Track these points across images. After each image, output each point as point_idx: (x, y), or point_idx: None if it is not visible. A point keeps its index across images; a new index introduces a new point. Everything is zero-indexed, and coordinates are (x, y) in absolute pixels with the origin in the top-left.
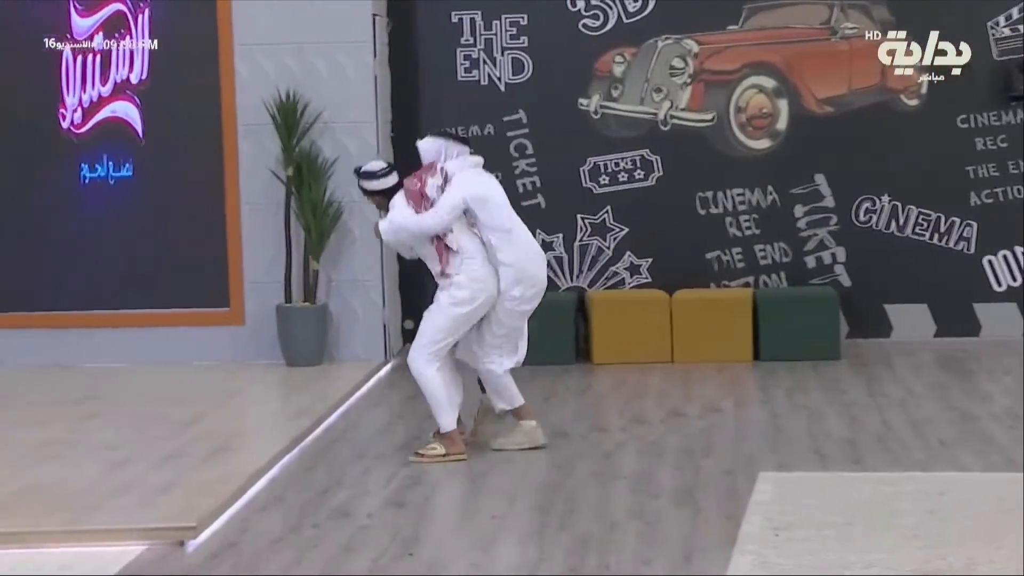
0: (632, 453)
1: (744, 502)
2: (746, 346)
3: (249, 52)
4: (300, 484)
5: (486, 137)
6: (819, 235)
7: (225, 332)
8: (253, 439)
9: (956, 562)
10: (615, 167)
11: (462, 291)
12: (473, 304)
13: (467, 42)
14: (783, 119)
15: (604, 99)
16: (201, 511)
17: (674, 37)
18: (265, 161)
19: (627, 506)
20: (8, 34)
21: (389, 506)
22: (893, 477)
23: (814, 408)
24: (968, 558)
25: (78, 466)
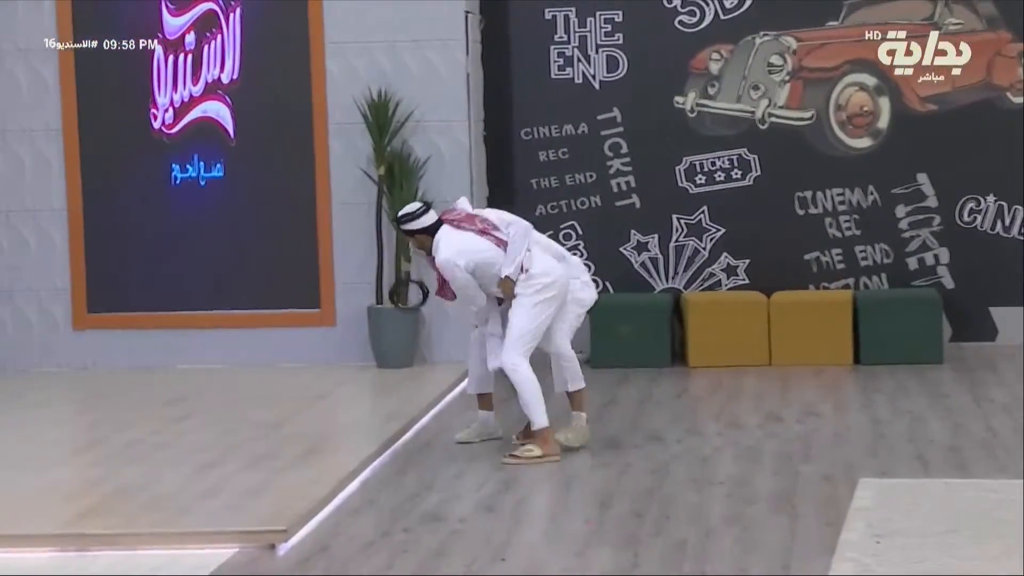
0: (729, 458)
1: (844, 509)
2: (846, 349)
3: (340, 50)
4: (392, 488)
5: (579, 136)
6: (921, 236)
7: (316, 333)
8: (344, 442)
9: None
10: (711, 166)
11: (539, 280)
12: (552, 292)
13: (561, 39)
14: (884, 117)
15: (700, 97)
16: (292, 514)
17: (772, 34)
18: (356, 160)
19: (723, 512)
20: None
21: (481, 510)
22: (999, 484)
23: (916, 413)
24: None
25: (169, 468)
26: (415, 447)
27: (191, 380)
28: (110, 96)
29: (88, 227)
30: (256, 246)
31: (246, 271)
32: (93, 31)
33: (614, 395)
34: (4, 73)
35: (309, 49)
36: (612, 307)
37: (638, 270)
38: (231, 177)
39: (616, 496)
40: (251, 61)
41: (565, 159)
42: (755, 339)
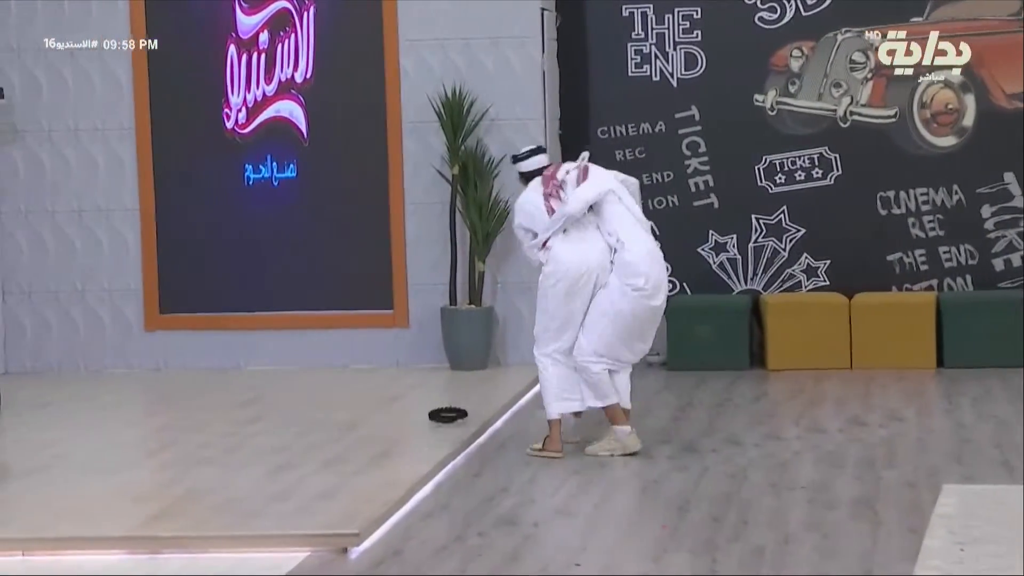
0: (809, 462)
1: (927, 515)
2: (929, 352)
3: (414, 48)
4: (465, 491)
5: (657, 135)
6: (1008, 236)
7: (389, 335)
8: (417, 444)
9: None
10: (791, 165)
11: (546, 269)
12: (558, 284)
13: (638, 36)
14: (970, 115)
15: (781, 95)
16: (364, 518)
17: (854, 30)
18: (430, 160)
19: (803, 517)
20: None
21: (556, 514)
22: None
23: (1002, 418)
24: None
25: (240, 471)
26: (490, 450)
27: (263, 382)
28: (183, 96)
29: (160, 227)
30: (328, 246)
31: (318, 272)
32: (166, 30)
33: (691, 398)
34: (78, 72)
35: (383, 47)
36: (689, 309)
37: (716, 271)
38: (304, 177)
39: (693, 500)
40: (324, 60)
41: (642, 158)
42: (836, 342)
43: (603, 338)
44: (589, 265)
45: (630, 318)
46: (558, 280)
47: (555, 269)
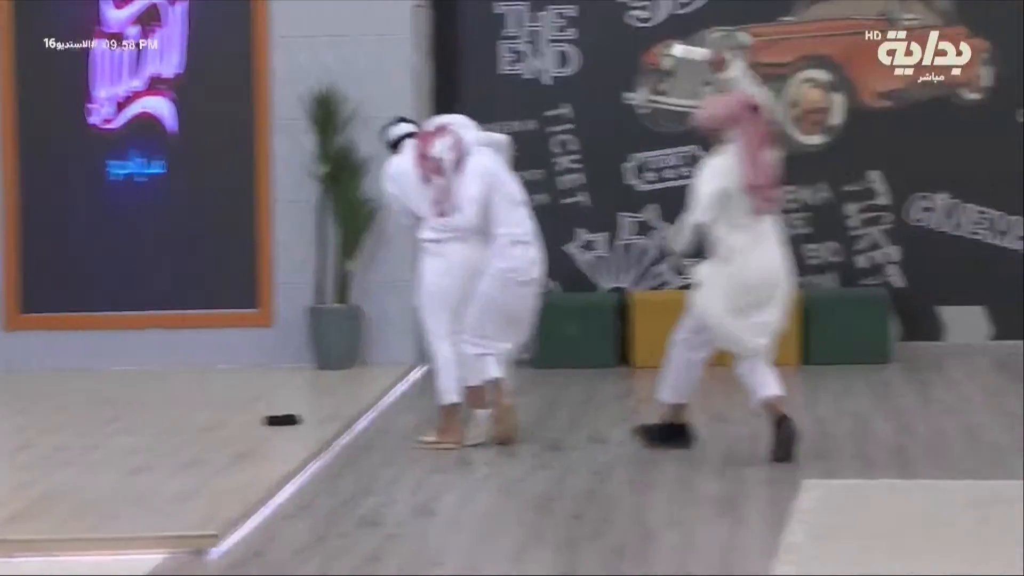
0: (672, 460)
1: (787, 511)
2: (793, 349)
3: (285, 45)
4: (328, 491)
5: (528, 132)
6: (872, 234)
7: (253, 334)
8: (279, 445)
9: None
10: (662, 164)
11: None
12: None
13: (511, 34)
14: (838, 114)
15: (652, 93)
16: (223, 519)
17: (726, 29)
18: (300, 158)
19: (665, 515)
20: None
21: (419, 514)
22: (944, 485)
23: (862, 413)
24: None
25: (97, 472)
26: (353, 450)
27: (124, 382)
28: (49, 90)
29: (23, 224)
30: (195, 244)
31: (184, 270)
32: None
33: (557, 396)
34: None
35: (253, 43)
36: (557, 307)
37: (585, 269)
38: (172, 174)
39: (556, 499)
40: (194, 55)
41: (516, 156)
42: None
43: (478, 320)
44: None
45: (500, 301)
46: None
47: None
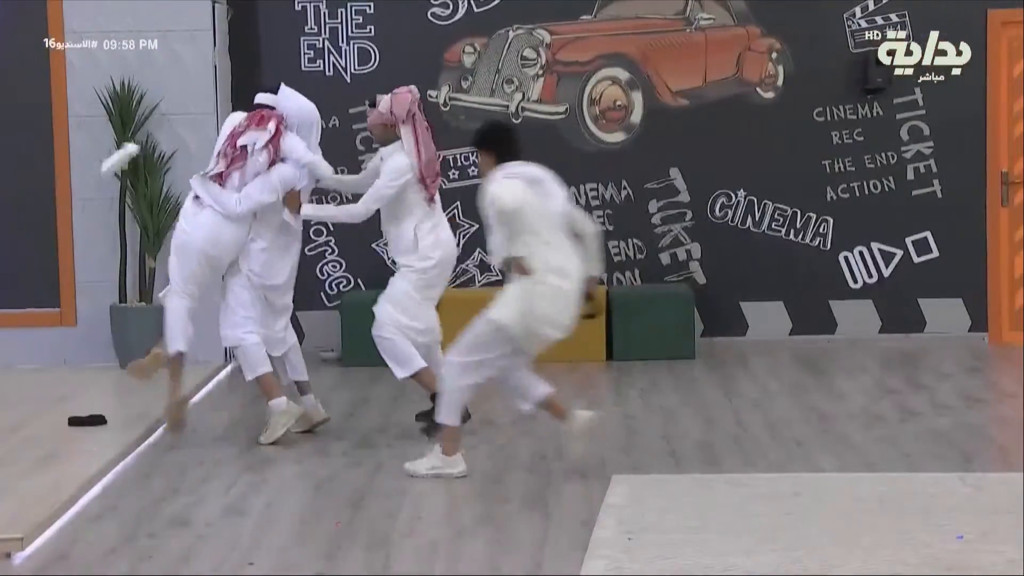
0: (482, 456)
1: (597, 506)
2: (599, 345)
3: (81, 39)
4: (135, 492)
5: (332, 130)
6: (674, 231)
7: (55, 333)
8: (85, 445)
9: (812, 564)
10: (465, 161)
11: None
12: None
13: (311, 31)
14: (637, 112)
15: (454, 91)
16: (29, 522)
17: (526, 27)
18: (99, 154)
19: (476, 511)
20: None
21: (229, 513)
22: (748, 478)
23: (668, 409)
24: (823, 560)
25: None
26: (160, 450)
27: None
28: None
29: None
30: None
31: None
32: None
33: (367, 393)
34: None
35: (48, 37)
36: (362, 304)
37: (390, 267)
38: None
39: (368, 496)
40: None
41: None
42: None
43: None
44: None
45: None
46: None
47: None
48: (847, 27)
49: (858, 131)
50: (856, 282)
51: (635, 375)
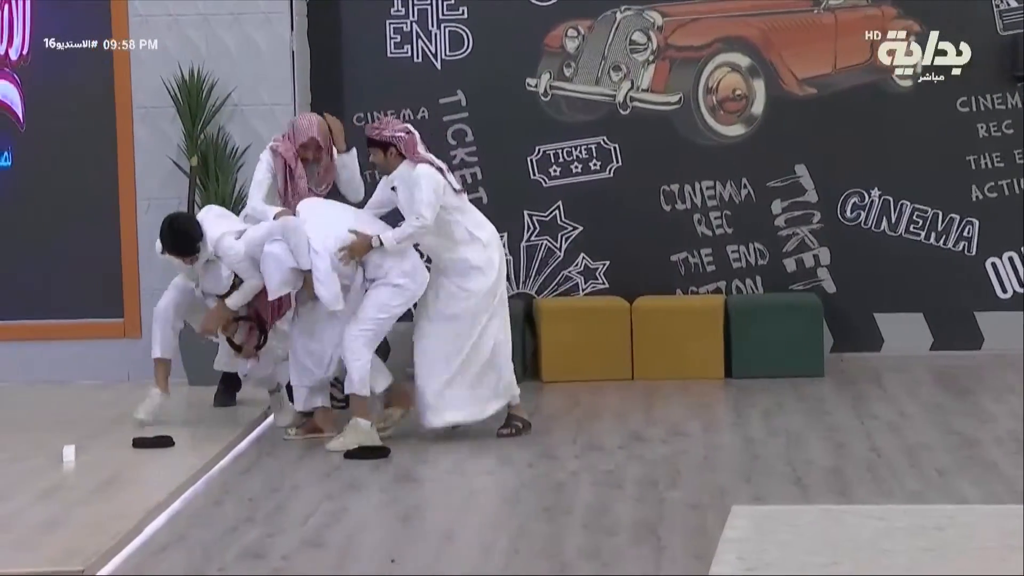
0: (586, 484)
1: (714, 539)
2: (717, 361)
3: (146, 24)
4: (205, 521)
5: (419, 122)
6: (800, 234)
7: (118, 346)
8: (151, 470)
9: None
10: (567, 156)
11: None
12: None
13: (398, 13)
14: (759, 102)
15: (555, 79)
16: (91, 552)
17: (635, 8)
18: (165, 150)
19: (580, 544)
20: None
21: (306, 546)
22: (884, 510)
23: (794, 432)
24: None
25: None
26: (232, 475)
27: None
28: None
29: None
30: (50, 247)
31: (38, 276)
32: None
33: None
34: None
35: (111, 23)
36: None
37: None
38: (20, 168)
39: (459, 528)
40: (44, 35)
41: None
42: (616, 350)
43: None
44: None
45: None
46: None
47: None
48: (994, 7)
49: (1007, 123)
50: (1005, 291)
51: (757, 394)
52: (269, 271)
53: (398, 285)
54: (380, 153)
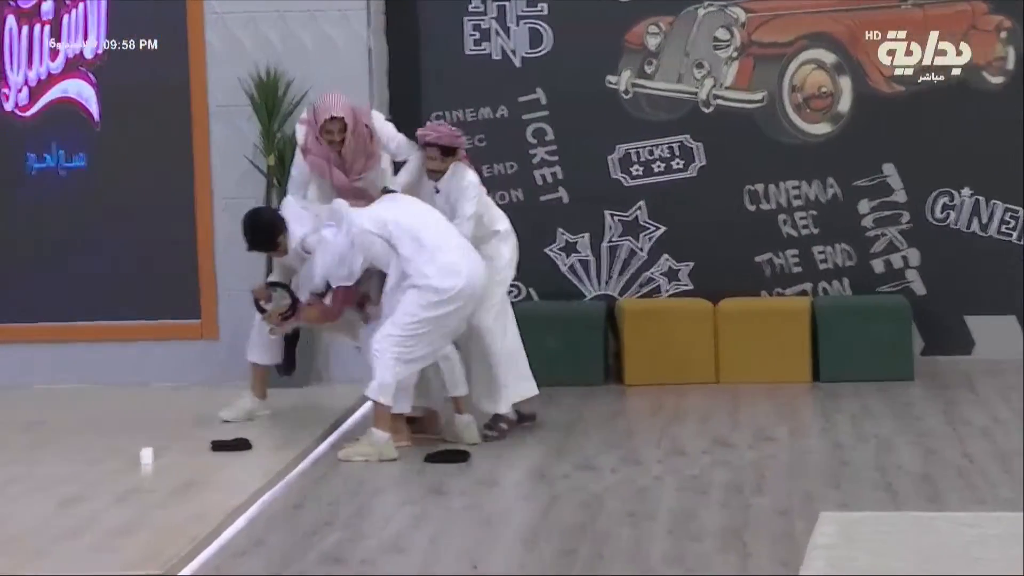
0: (671, 489)
1: (802, 546)
2: (803, 364)
3: (222, 21)
4: (284, 525)
5: (498, 120)
6: (888, 235)
7: (195, 348)
8: (229, 473)
9: None
10: (649, 156)
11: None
12: None
13: (476, 10)
14: (845, 99)
15: (636, 76)
16: (168, 556)
17: (718, 4)
18: (242, 149)
19: (665, 550)
20: None
21: (387, 551)
22: (975, 518)
23: (883, 437)
24: None
25: (23, 504)
26: (311, 479)
27: (49, 402)
28: None
29: None
30: (125, 247)
31: (114, 276)
32: None
33: (539, 417)
34: None
35: (186, 20)
36: (537, 317)
37: (566, 274)
38: (95, 167)
39: (542, 533)
40: (119, 34)
41: (482, 147)
42: (700, 353)
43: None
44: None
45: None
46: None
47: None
48: None
49: None
50: None
51: (844, 398)
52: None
53: (419, 287)
54: (446, 159)
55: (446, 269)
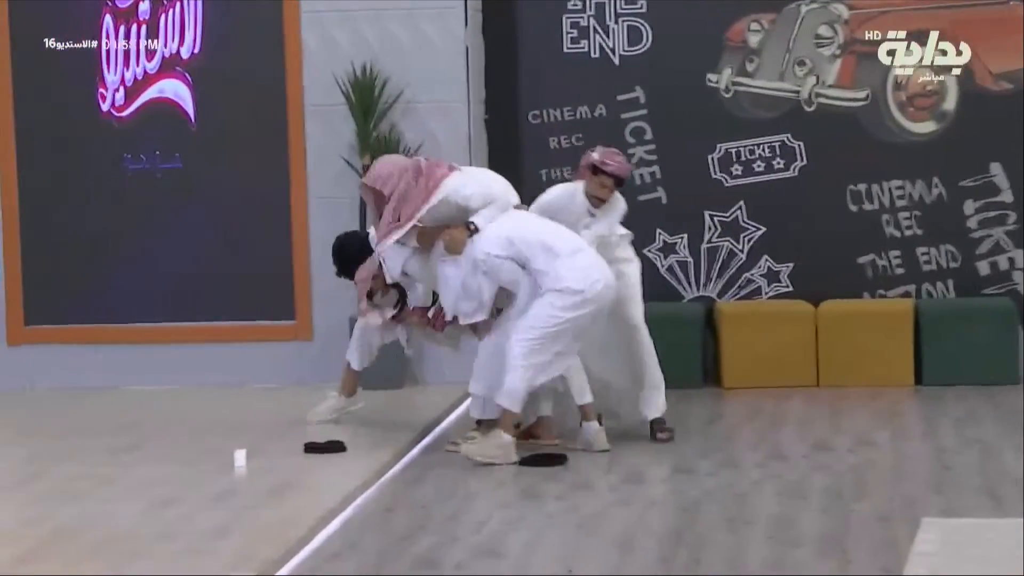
0: (770, 494)
1: (903, 553)
2: (906, 368)
3: (318, 20)
4: (377, 529)
5: (597, 119)
6: (994, 236)
7: (290, 349)
8: (322, 475)
9: None
10: (750, 155)
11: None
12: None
13: (575, 7)
14: (951, 98)
15: (737, 74)
16: (262, 559)
17: (821, 1)
18: (337, 148)
19: (764, 556)
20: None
21: (482, 555)
22: None
23: (987, 442)
24: None
25: (117, 506)
26: (404, 482)
27: (142, 404)
28: (52, 75)
29: (26, 227)
30: (221, 248)
31: (209, 277)
32: None
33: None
34: None
35: (282, 19)
36: None
37: (665, 275)
38: (191, 168)
39: (639, 538)
40: (215, 33)
41: (580, 146)
42: (801, 356)
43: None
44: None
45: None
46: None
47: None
48: None
49: None
50: None
51: (948, 402)
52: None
53: (559, 290)
54: (615, 189)
55: (583, 272)
